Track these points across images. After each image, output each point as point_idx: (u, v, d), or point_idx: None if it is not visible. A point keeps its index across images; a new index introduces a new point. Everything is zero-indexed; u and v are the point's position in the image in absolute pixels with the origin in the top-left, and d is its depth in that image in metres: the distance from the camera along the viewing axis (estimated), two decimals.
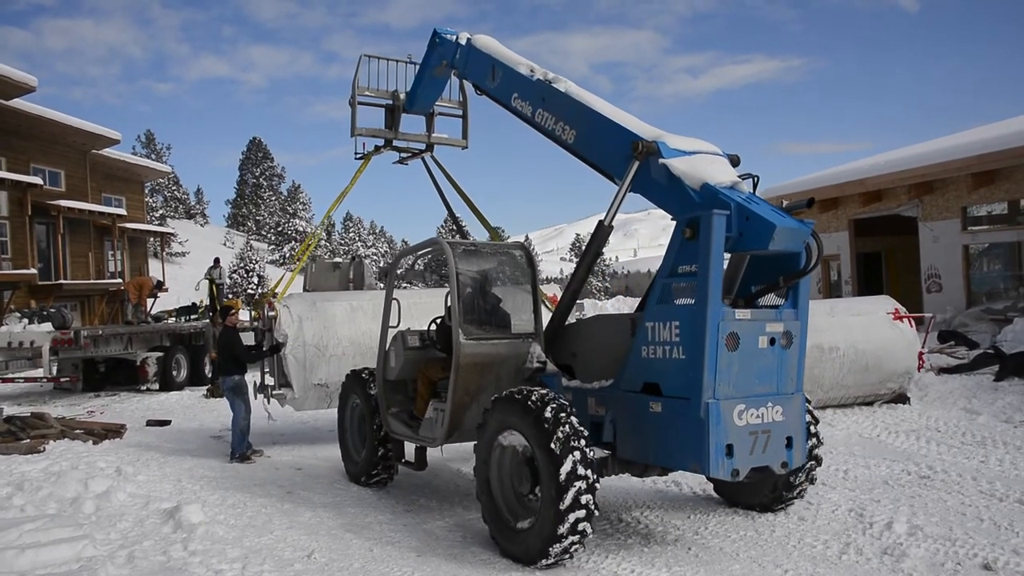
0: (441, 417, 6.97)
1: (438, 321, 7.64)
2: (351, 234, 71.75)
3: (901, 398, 11.73)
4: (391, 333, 8.01)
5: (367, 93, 10.93)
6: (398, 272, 8.40)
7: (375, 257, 62.12)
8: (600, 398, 6.21)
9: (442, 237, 7.17)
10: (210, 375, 18.68)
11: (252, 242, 57.48)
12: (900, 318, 11.88)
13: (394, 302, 7.94)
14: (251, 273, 48.76)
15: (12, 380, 16.69)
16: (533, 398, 5.68)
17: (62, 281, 26.21)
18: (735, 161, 6.32)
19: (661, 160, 5.99)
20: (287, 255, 63.22)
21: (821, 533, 6.17)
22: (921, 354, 12.03)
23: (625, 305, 26.79)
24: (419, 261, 8.30)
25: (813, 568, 5.48)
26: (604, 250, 9.23)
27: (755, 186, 6.04)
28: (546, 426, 5.47)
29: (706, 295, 5.31)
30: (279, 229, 66.32)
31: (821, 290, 23.07)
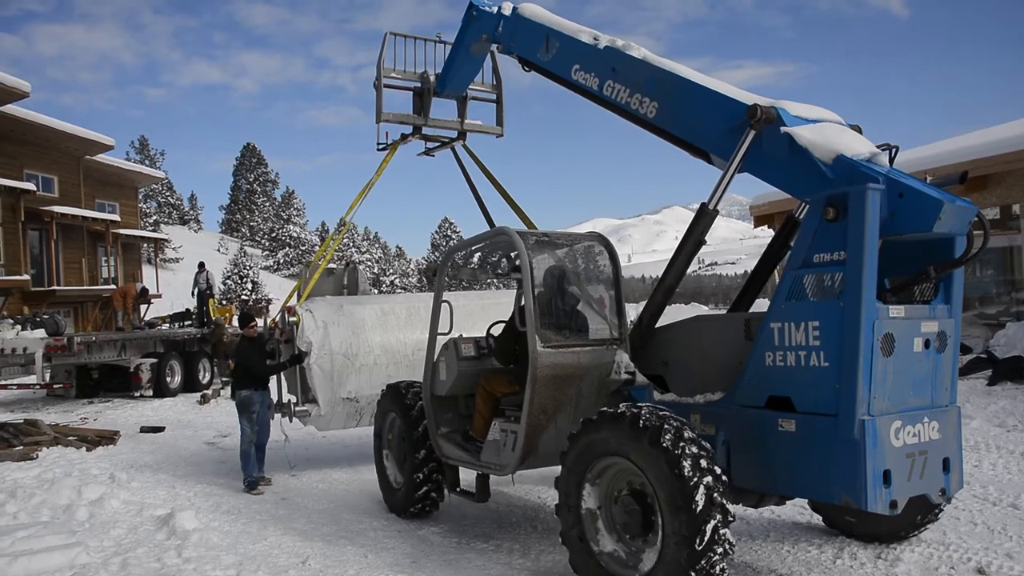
0: (511, 440, 6.01)
1: (494, 328, 6.78)
2: (345, 239, 71.70)
3: None
4: (440, 341, 7.01)
5: (393, 75, 9.76)
6: (450, 269, 7.26)
7: (369, 263, 61.99)
8: (708, 415, 5.25)
9: (507, 227, 6.36)
10: (205, 381, 18.68)
11: (246, 248, 57.38)
12: None
13: (444, 305, 6.92)
14: (245, 279, 48.69)
15: (5, 387, 16.66)
16: (645, 416, 4.72)
17: (55, 287, 26.12)
18: (858, 133, 5.46)
19: (783, 128, 5.10)
20: (281, 261, 63.14)
21: (815, 537, 6.18)
22: None
23: None
24: (473, 257, 7.26)
25: (808, 573, 5.49)
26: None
27: (892, 158, 5.18)
28: (669, 450, 4.51)
29: (859, 288, 4.46)
30: (273, 235, 66.25)
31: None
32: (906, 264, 4.97)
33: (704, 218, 5.62)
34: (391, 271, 65.79)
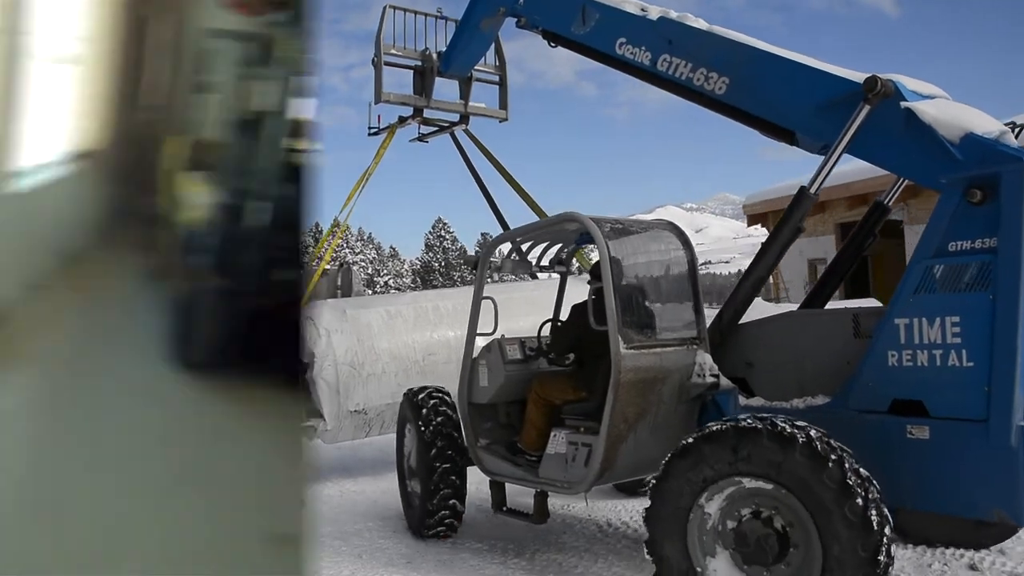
0: (583, 453, 5.31)
1: (545, 328, 6.27)
2: (338, 240, 71.44)
3: None
4: (480, 342, 6.34)
5: (393, 52, 8.98)
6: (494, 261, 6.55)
7: (363, 264, 62.00)
8: (812, 422, 4.47)
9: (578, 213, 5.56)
10: None
11: None
12: None
13: (486, 301, 6.21)
14: None
15: None
16: (813, 438, 3.99)
17: None
18: None
19: (903, 104, 4.66)
20: None
21: None
22: None
23: None
24: (522, 247, 6.78)
25: None
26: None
27: (1018, 136, 4.84)
28: (849, 483, 3.85)
29: (1018, 279, 4.06)
30: None
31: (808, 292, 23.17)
32: None
33: (804, 202, 5.17)
34: (385, 272, 65.81)
